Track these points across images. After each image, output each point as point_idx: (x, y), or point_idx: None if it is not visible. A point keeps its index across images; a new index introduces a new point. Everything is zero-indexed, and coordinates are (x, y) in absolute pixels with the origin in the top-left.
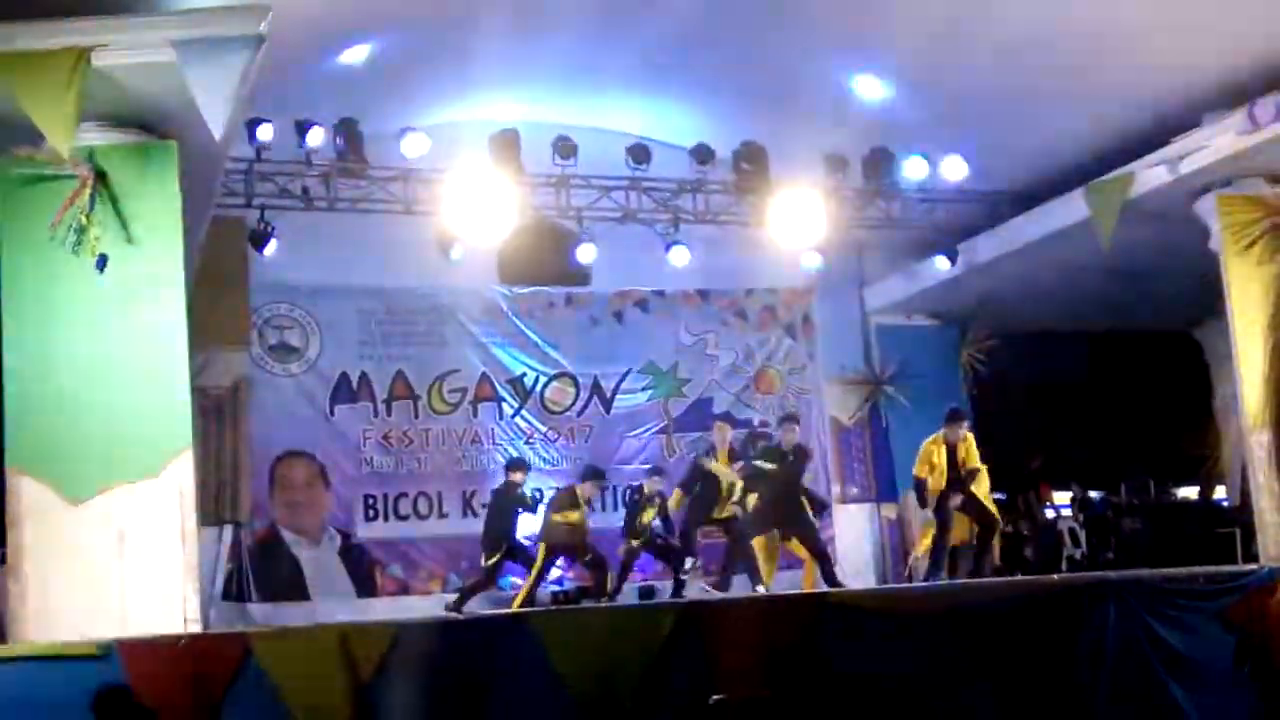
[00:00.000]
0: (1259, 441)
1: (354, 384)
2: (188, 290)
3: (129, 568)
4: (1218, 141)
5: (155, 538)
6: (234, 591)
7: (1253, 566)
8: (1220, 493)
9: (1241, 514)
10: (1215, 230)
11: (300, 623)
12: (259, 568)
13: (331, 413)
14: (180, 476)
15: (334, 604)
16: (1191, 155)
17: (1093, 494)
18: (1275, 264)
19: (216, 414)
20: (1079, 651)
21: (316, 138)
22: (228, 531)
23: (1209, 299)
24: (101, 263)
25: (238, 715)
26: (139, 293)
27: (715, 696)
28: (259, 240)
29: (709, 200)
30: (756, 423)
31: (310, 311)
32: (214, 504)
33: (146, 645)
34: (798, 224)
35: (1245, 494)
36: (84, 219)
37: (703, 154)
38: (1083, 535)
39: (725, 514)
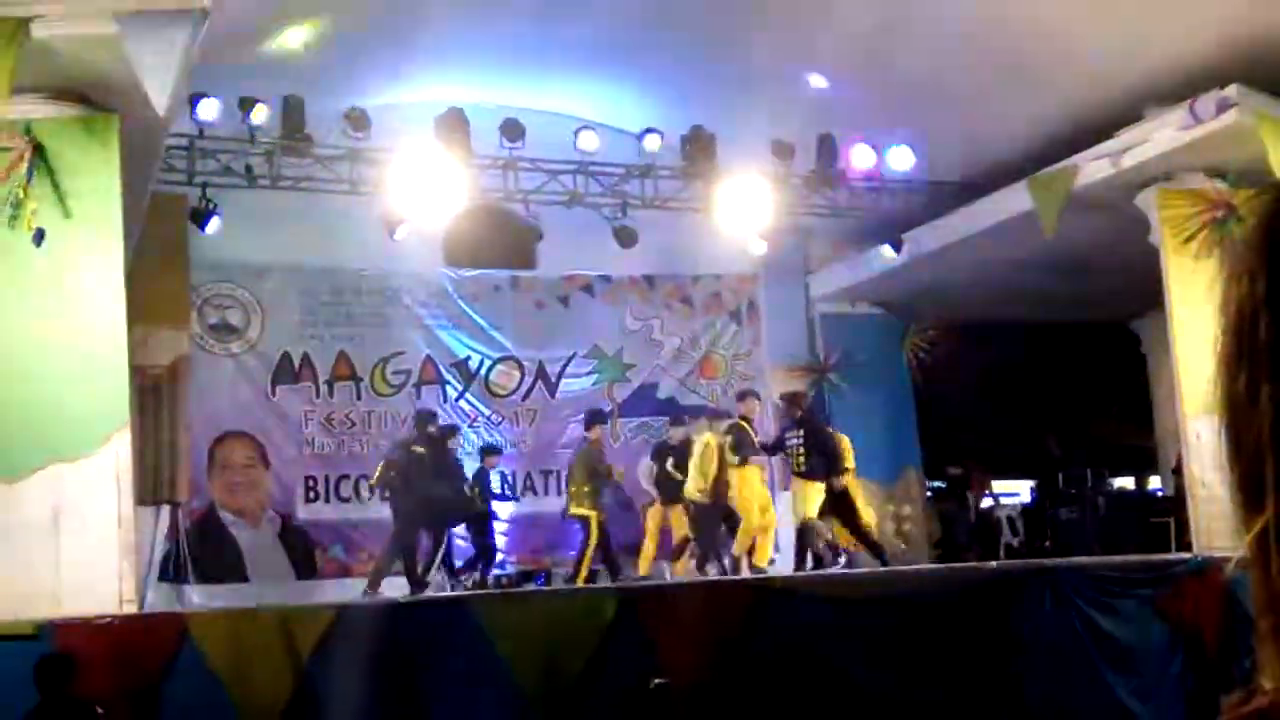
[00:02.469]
0: (1201, 428)
1: (296, 365)
2: (127, 267)
3: (64, 547)
4: (1159, 136)
5: (91, 517)
6: (171, 572)
7: (1186, 555)
8: (1155, 483)
9: (1176, 504)
10: (1155, 224)
11: (238, 604)
12: (197, 549)
13: (272, 393)
14: (117, 456)
15: (273, 586)
16: (1133, 149)
17: (1027, 483)
18: (1214, 258)
19: (155, 393)
20: (1015, 637)
21: (260, 115)
22: (165, 512)
23: (1148, 292)
24: (38, 237)
25: (175, 696)
26: (77, 268)
27: (656, 680)
28: (200, 218)
29: (656, 185)
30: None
31: (252, 291)
32: (152, 484)
33: (81, 625)
34: (744, 210)
35: (1179, 484)
36: (21, 192)
37: (651, 139)
38: (1020, 524)
39: None
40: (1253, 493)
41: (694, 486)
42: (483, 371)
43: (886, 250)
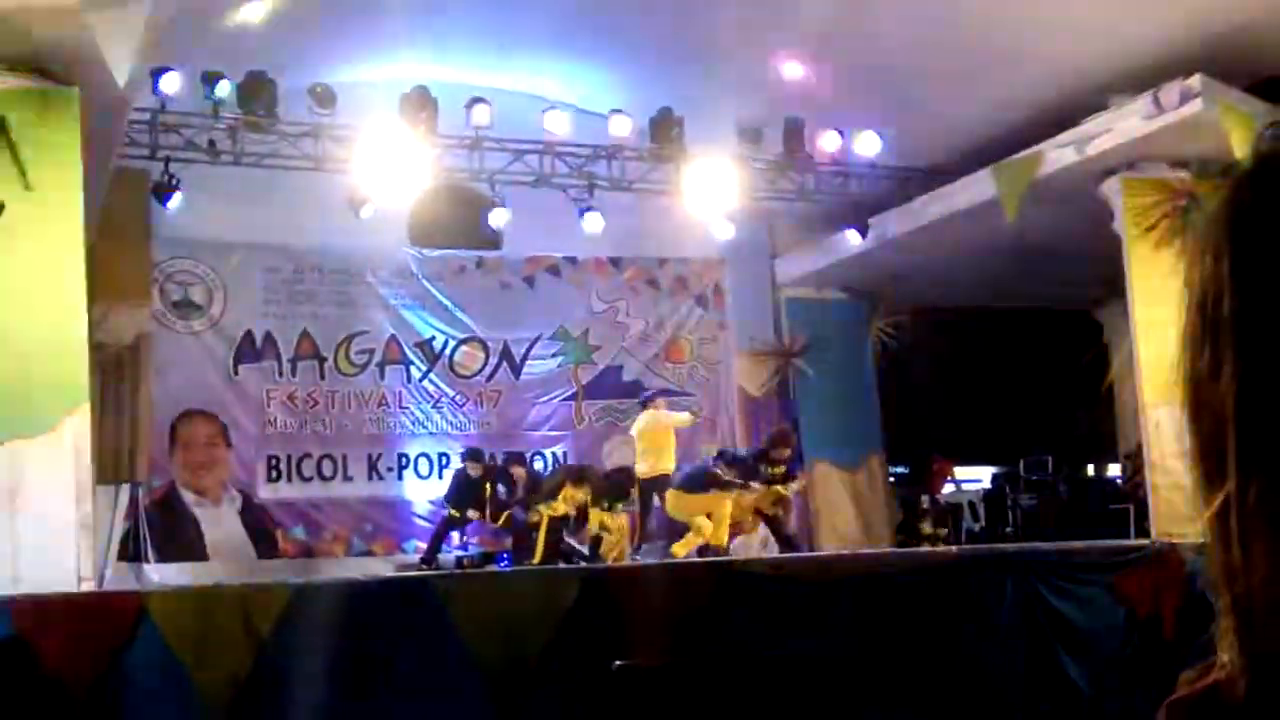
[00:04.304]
0: (1161, 416)
1: (258, 343)
2: (87, 242)
3: (22, 525)
4: (1123, 125)
5: (50, 495)
6: (130, 551)
7: (1144, 541)
8: (1115, 470)
9: (1134, 490)
10: (1118, 212)
11: (198, 584)
12: (156, 528)
13: (235, 372)
14: (76, 433)
15: (234, 566)
16: (1098, 138)
17: (989, 470)
18: (1175, 247)
19: (115, 370)
20: (975, 621)
21: (224, 90)
22: (125, 490)
23: (1111, 280)
24: None
25: (133, 674)
26: (36, 243)
27: (617, 662)
28: (163, 193)
29: (623, 167)
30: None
31: (214, 267)
32: (111, 462)
33: (39, 603)
34: (711, 193)
35: (1138, 471)
36: None
37: (618, 120)
38: (982, 509)
39: None
40: (1213, 468)
41: (644, 462)
42: (447, 352)
43: (852, 235)
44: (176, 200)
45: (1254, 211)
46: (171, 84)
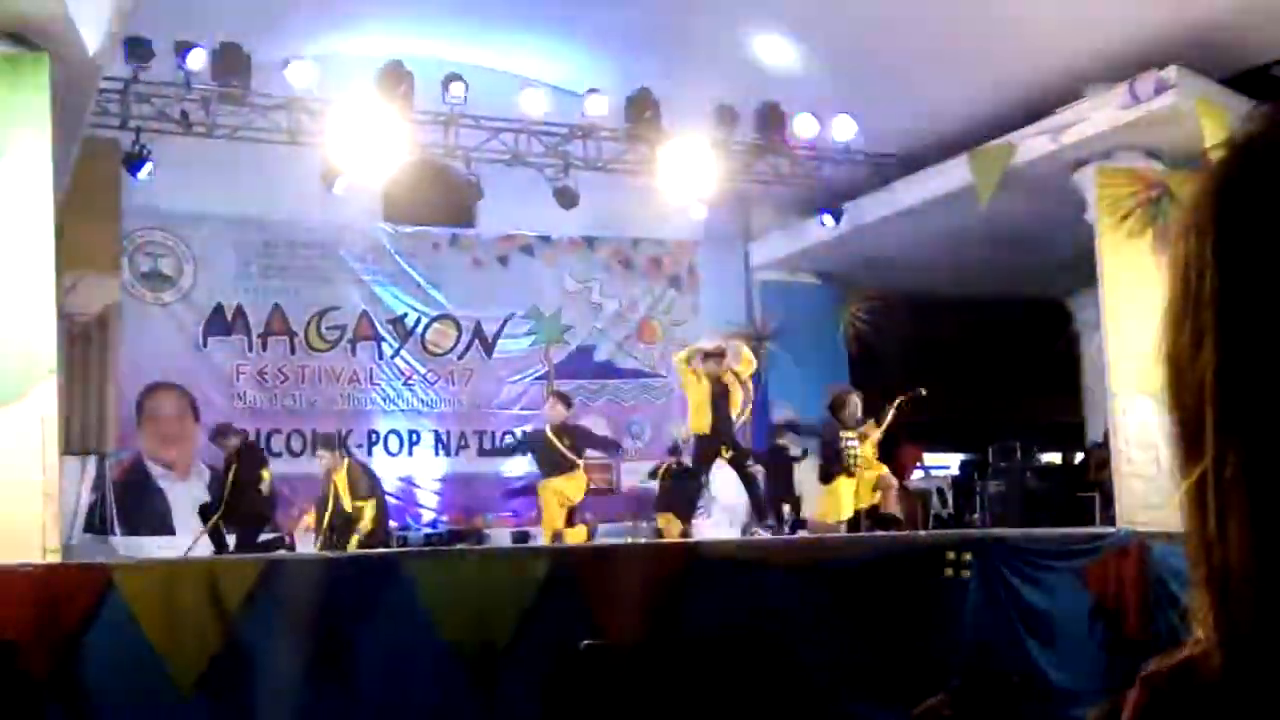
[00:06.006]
0: (1129, 405)
1: (229, 316)
2: (56, 211)
3: None
4: (1099, 115)
5: (15, 466)
6: (96, 524)
7: (1110, 529)
8: (1082, 458)
9: (1101, 478)
10: (1092, 201)
11: (165, 557)
12: (123, 500)
13: (204, 345)
14: (43, 404)
15: (201, 539)
16: (1073, 127)
17: (957, 456)
18: (1147, 237)
19: (83, 341)
20: (940, 605)
21: (197, 61)
22: (91, 462)
23: (1082, 269)
24: None
25: (98, 646)
26: (4, 212)
27: (585, 642)
28: (133, 163)
29: (600, 147)
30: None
31: (185, 240)
32: (79, 434)
33: (2, 574)
34: (686, 175)
35: (1105, 459)
36: None
37: (595, 99)
38: (950, 495)
39: None
40: (1192, 442)
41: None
42: (419, 329)
43: (826, 220)
44: (147, 171)
45: (1239, 190)
46: (143, 53)
